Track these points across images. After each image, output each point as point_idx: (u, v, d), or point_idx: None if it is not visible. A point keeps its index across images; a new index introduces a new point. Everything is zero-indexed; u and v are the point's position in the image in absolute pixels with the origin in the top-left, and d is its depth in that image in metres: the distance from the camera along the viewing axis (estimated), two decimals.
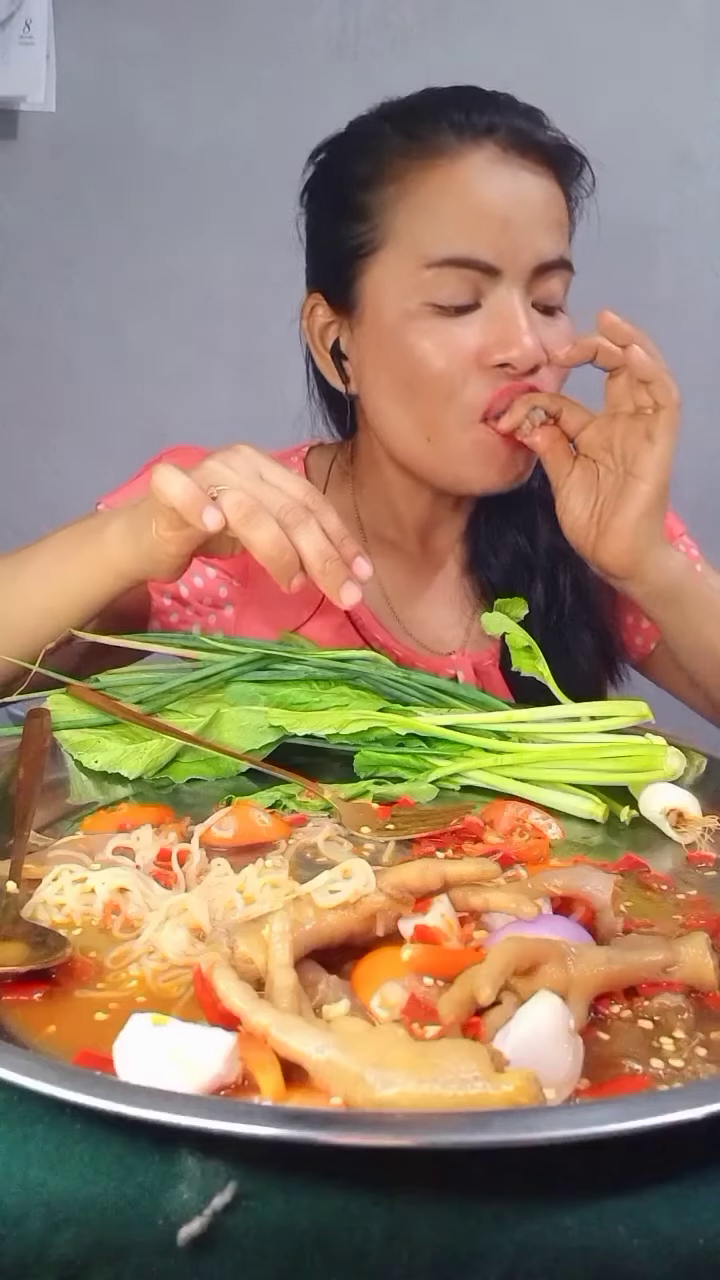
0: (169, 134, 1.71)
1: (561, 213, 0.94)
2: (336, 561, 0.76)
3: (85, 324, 1.77)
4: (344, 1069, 0.43)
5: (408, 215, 0.92)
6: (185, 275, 1.74)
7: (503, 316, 0.90)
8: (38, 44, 1.67)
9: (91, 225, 1.74)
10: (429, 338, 0.91)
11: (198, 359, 1.76)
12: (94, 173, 1.73)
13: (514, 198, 0.90)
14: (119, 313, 1.76)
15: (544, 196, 0.92)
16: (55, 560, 0.88)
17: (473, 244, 0.89)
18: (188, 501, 0.75)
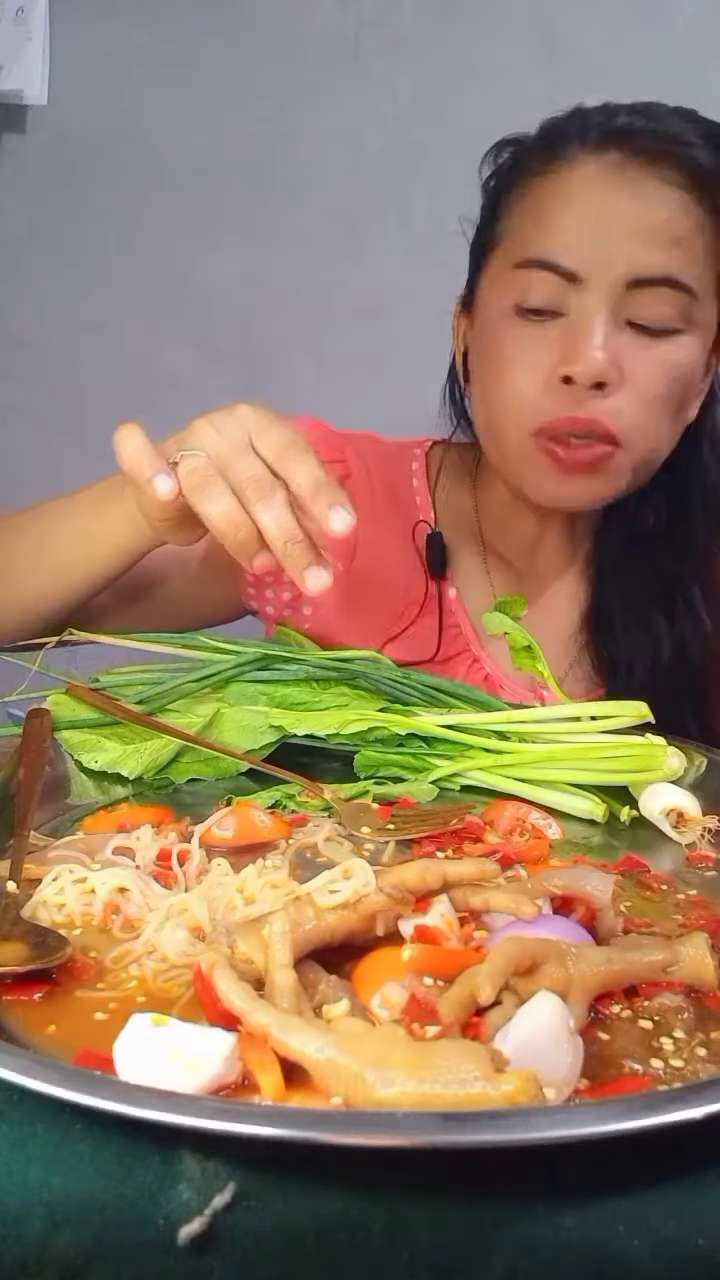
0: (168, 133, 1.71)
1: (686, 230, 0.87)
2: (301, 544, 0.69)
3: (84, 324, 1.77)
4: (344, 1069, 0.43)
5: (519, 217, 0.91)
6: (185, 275, 1.74)
7: (577, 327, 0.87)
8: (34, 39, 1.67)
9: (91, 224, 1.74)
10: (509, 338, 0.90)
11: (198, 359, 1.76)
12: (93, 171, 1.73)
13: (617, 207, 0.87)
14: (119, 312, 1.76)
15: (662, 209, 0.87)
16: (91, 509, 0.87)
17: (557, 247, 0.88)
18: (133, 468, 0.72)
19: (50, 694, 0.85)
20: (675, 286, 0.87)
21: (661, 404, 0.90)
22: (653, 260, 0.86)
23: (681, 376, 0.90)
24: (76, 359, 1.77)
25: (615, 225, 0.87)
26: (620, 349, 0.87)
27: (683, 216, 0.87)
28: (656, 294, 0.87)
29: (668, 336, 0.88)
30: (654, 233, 0.86)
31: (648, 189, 0.87)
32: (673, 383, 0.89)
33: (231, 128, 1.69)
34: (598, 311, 0.87)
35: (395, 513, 1.03)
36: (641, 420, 0.89)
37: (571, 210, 0.88)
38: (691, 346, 0.90)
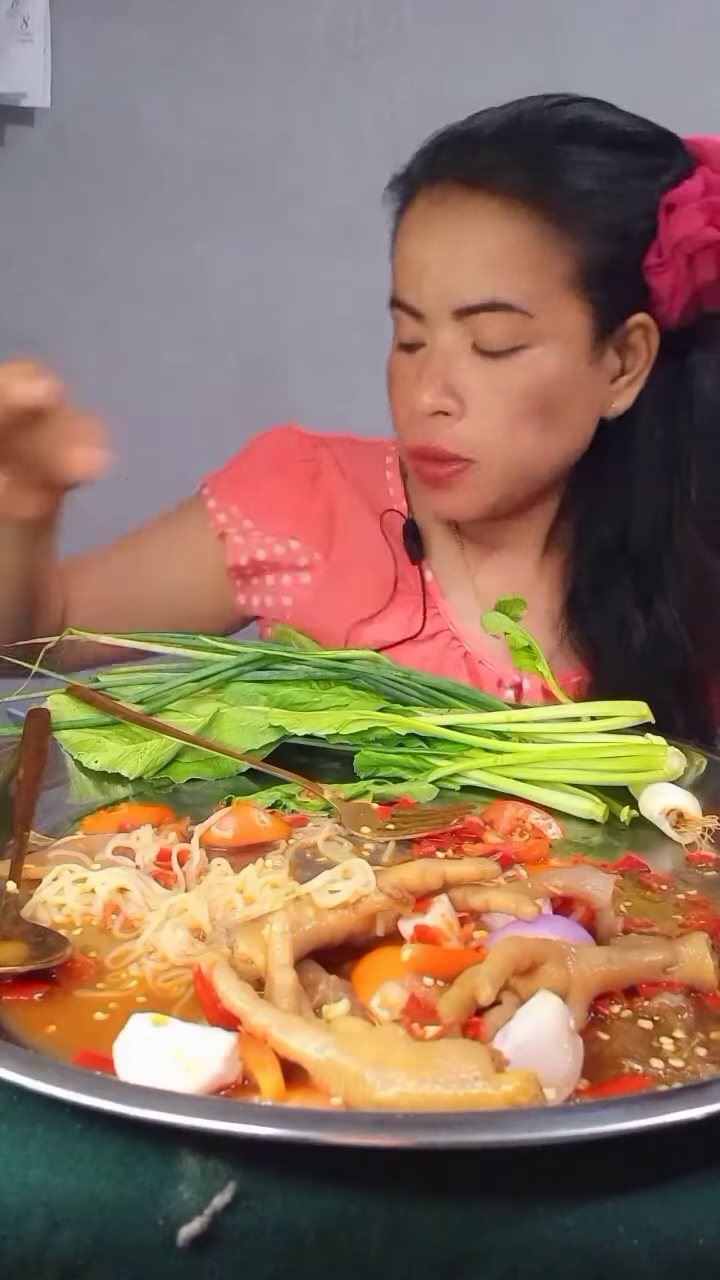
0: (169, 133, 1.71)
1: (508, 252, 0.88)
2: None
3: (84, 324, 1.77)
4: (344, 1069, 0.43)
5: (394, 256, 0.96)
6: (185, 275, 1.74)
7: (427, 359, 0.92)
8: (35, 40, 1.67)
9: (91, 224, 1.74)
10: (393, 370, 0.96)
11: (198, 359, 1.76)
12: (93, 172, 1.73)
13: (436, 241, 0.90)
14: (119, 312, 1.76)
15: (476, 237, 0.89)
16: None
17: (402, 287, 0.93)
18: None
19: (50, 694, 0.85)
20: (501, 309, 0.89)
21: (513, 420, 0.91)
22: (472, 287, 0.89)
23: (531, 391, 0.91)
24: (76, 359, 1.77)
25: (436, 259, 0.90)
26: (461, 377, 0.90)
27: (502, 238, 0.89)
28: (487, 318, 0.89)
29: (509, 356, 0.90)
30: (471, 260, 0.89)
31: (463, 217, 0.89)
32: (523, 399, 0.91)
33: (231, 128, 1.69)
34: (438, 343, 0.91)
35: (369, 507, 1.06)
36: (491, 438, 0.92)
37: (407, 249, 0.93)
38: (542, 358, 0.90)
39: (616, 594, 0.99)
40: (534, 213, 0.88)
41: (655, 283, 0.91)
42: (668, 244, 0.90)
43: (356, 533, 1.05)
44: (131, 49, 1.68)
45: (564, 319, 0.90)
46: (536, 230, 0.89)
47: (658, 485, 0.97)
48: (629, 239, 0.90)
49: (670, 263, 0.90)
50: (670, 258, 0.90)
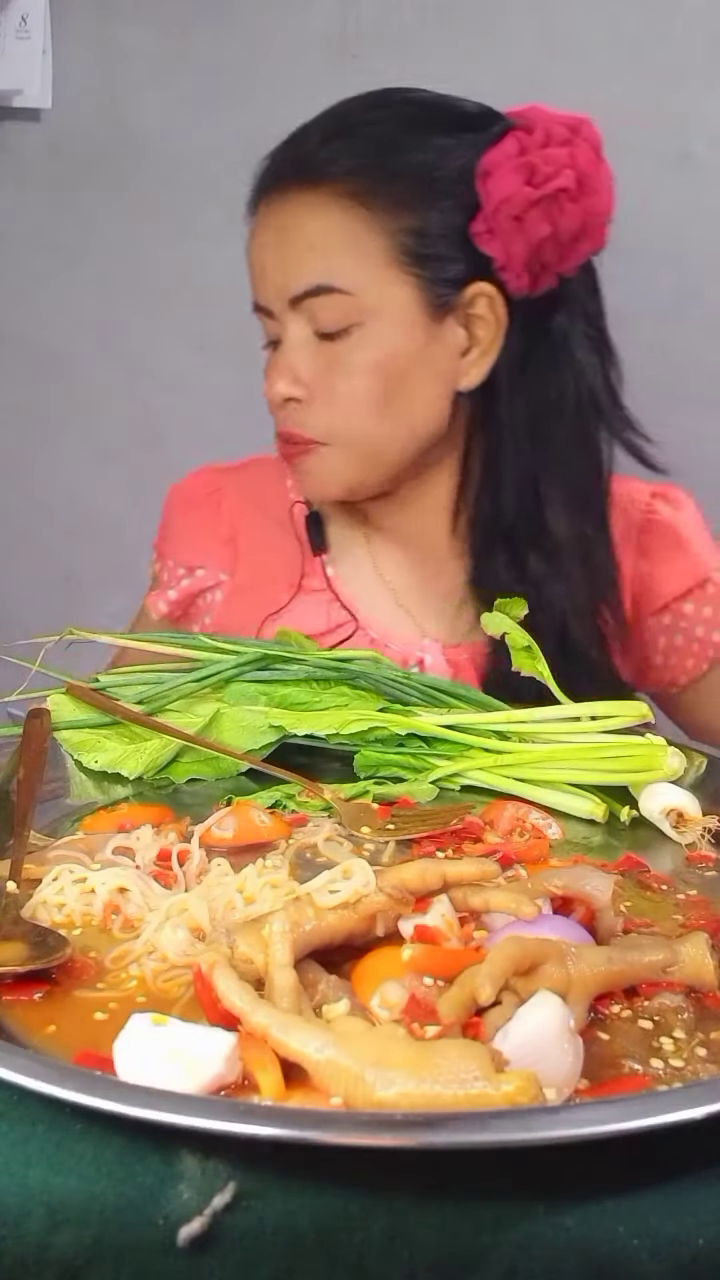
0: (168, 133, 1.71)
1: (320, 238, 0.93)
2: None
3: (83, 323, 1.77)
4: (344, 1069, 0.43)
5: None
6: (185, 275, 1.74)
7: (279, 352, 0.98)
8: (34, 39, 1.67)
9: (90, 224, 1.74)
10: (267, 368, 1.01)
11: (197, 359, 1.75)
12: (92, 171, 1.72)
13: (268, 239, 0.97)
14: (117, 312, 1.76)
15: (292, 232, 0.95)
16: None
17: (253, 292, 0.99)
18: None
19: (50, 694, 0.85)
20: (324, 292, 0.94)
21: (351, 402, 0.96)
22: (295, 277, 0.95)
23: (367, 368, 0.95)
24: (76, 359, 1.77)
25: (270, 256, 0.97)
26: (306, 364, 0.97)
27: (311, 227, 0.94)
28: (316, 304, 0.94)
29: (343, 336, 0.95)
30: (294, 250, 0.95)
31: (288, 213, 0.95)
32: (360, 377, 0.95)
33: (231, 128, 1.69)
34: (285, 335, 0.97)
35: (271, 519, 1.13)
36: (336, 420, 0.97)
37: (251, 255, 0.99)
38: (374, 336, 0.95)
39: (499, 567, 1.02)
40: (349, 195, 0.94)
41: (488, 249, 0.94)
42: (489, 209, 0.92)
43: (260, 543, 1.12)
44: (131, 49, 1.68)
45: (389, 294, 0.94)
46: (351, 211, 0.93)
47: (523, 455, 1.00)
48: (455, 211, 0.93)
49: (497, 227, 0.92)
50: (496, 222, 0.92)
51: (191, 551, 1.13)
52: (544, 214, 0.92)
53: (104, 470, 1.71)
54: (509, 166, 0.92)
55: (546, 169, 0.92)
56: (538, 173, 0.91)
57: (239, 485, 1.15)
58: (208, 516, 1.14)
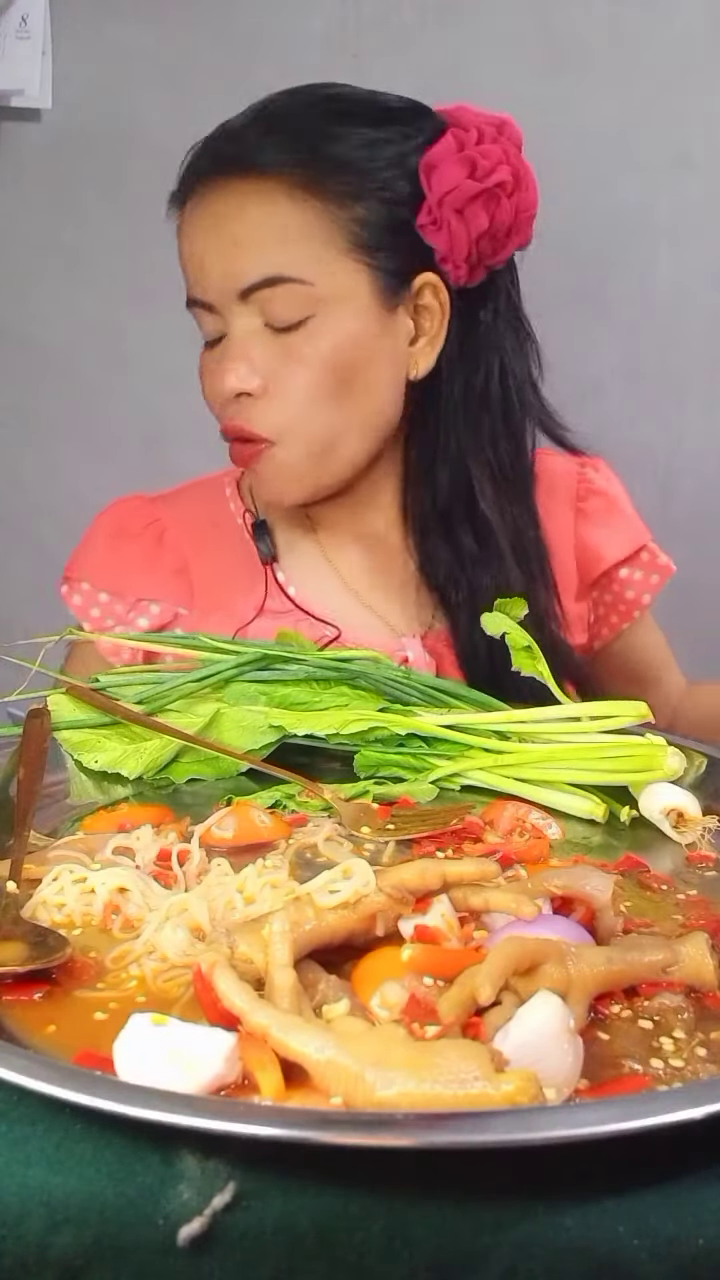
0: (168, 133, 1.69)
1: (269, 229, 0.92)
2: None
3: (84, 324, 1.77)
4: (344, 1069, 0.43)
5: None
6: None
7: (225, 347, 0.96)
8: (34, 39, 1.67)
9: (90, 224, 1.74)
10: (202, 367, 1.00)
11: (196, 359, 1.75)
12: (92, 171, 1.72)
13: (207, 232, 0.94)
14: (118, 312, 1.76)
15: (236, 222, 0.93)
16: None
17: (190, 285, 0.97)
18: None
19: (50, 694, 0.85)
20: (279, 282, 0.93)
21: (311, 393, 0.95)
22: (243, 269, 0.93)
23: (324, 358, 0.94)
24: (76, 359, 1.77)
25: (210, 248, 0.94)
26: (260, 357, 0.95)
27: (267, 215, 0.93)
28: (270, 294, 0.93)
29: (299, 328, 0.94)
30: (242, 241, 0.93)
31: (221, 209, 0.94)
32: (317, 368, 0.94)
33: None
34: (231, 329, 0.95)
35: (219, 543, 1.10)
36: (291, 414, 0.95)
37: (184, 248, 0.97)
38: (330, 325, 0.94)
39: (441, 553, 1.03)
40: (296, 187, 0.93)
41: (433, 240, 0.96)
42: (434, 201, 0.95)
43: (215, 570, 1.09)
44: (131, 49, 1.68)
45: (344, 283, 0.94)
46: (301, 203, 0.93)
47: (458, 441, 1.01)
48: (395, 203, 0.95)
49: (441, 219, 0.95)
50: (440, 214, 0.95)
51: (133, 583, 1.08)
52: (483, 207, 0.95)
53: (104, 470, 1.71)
54: (452, 160, 0.94)
55: (485, 164, 0.94)
56: (478, 167, 0.94)
57: (178, 514, 1.11)
58: (148, 549, 1.09)
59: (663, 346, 1.72)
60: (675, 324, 1.71)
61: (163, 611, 1.08)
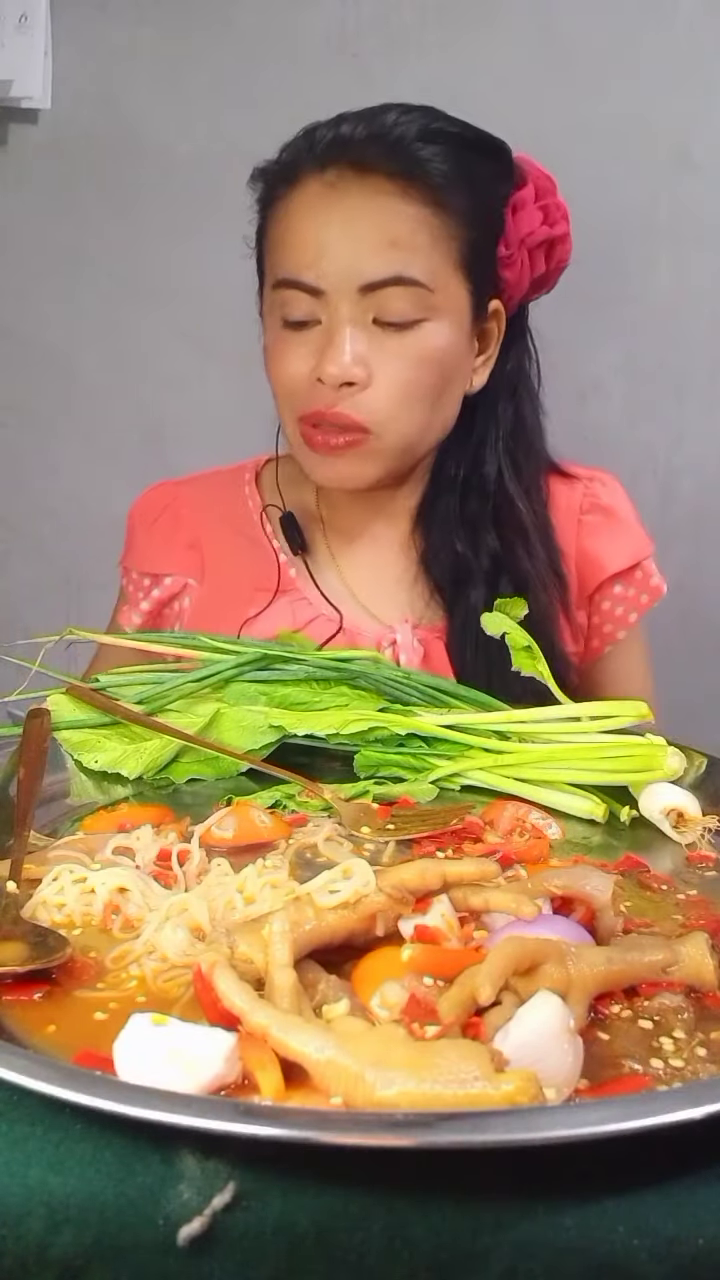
0: (168, 133, 1.71)
1: (406, 230, 0.96)
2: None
3: (84, 323, 1.77)
4: (344, 1069, 0.43)
5: (271, 240, 1.02)
6: (185, 275, 1.74)
7: (327, 334, 0.97)
8: (35, 39, 1.67)
9: (90, 224, 1.74)
10: (279, 346, 1.01)
11: (197, 359, 1.75)
12: (93, 171, 1.72)
13: (337, 221, 0.96)
14: (118, 312, 1.76)
15: (378, 217, 0.95)
16: None
17: (297, 267, 0.98)
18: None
19: (50, 694, 0.85)
20: (406, 283, 0.96)
21: (412, 390, 0.98)
22: (378, 265, 0.95)
23: (432, 361, 0.99)
24: (76, 359, 1.77)
25: (338, 239, 0.96)
26: (368, 347, 0.97)
27: (399, 220, 0.96)
28: (390, 293, 0.96)
29: (411, 328, 0.97)
30: (373, 239, 0.95)
31: (362, 200, 0.96)
32: (422, 369, 0.98)
33: (231, 128, 1.69)
34: (341, 318, 0.97)
35: (233, 527, 1.15)
36: (392, 409, 0.98)
37: (303, 231, 0.98)
38: (440, 332, 0.99)
39: (455, 558, 1.08)
40: (423, 196, 0.96)
41: (505, 273, 1.04)
42: (515, 238, 1.03)
43: (225, 551, 1.14)
44: (131, 49, 1.68)
45: (452, 295, 1.00)
46: (428, 212, 0.97)
47: (493, 454, 1.08)
48: (492, 234, 1.01)
49: (517, 255, 1.03)
50: (517, 251, 1.03)
51: (156, 560, 1.15)
52: (545, 252, 1.05)
53: (104, 470, 1.71)
54: (531, 206, 1.03)
55: (554, 214, 1.04)
56: (549, 216, 1.03)
57: (195, 496, 1.17)
58: (167, 525, 1.15)
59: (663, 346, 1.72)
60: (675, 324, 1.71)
61: (174, 583, 1.14)
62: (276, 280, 1.00)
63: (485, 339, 1.05)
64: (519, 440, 1.10)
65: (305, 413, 1.00)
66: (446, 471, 1.09)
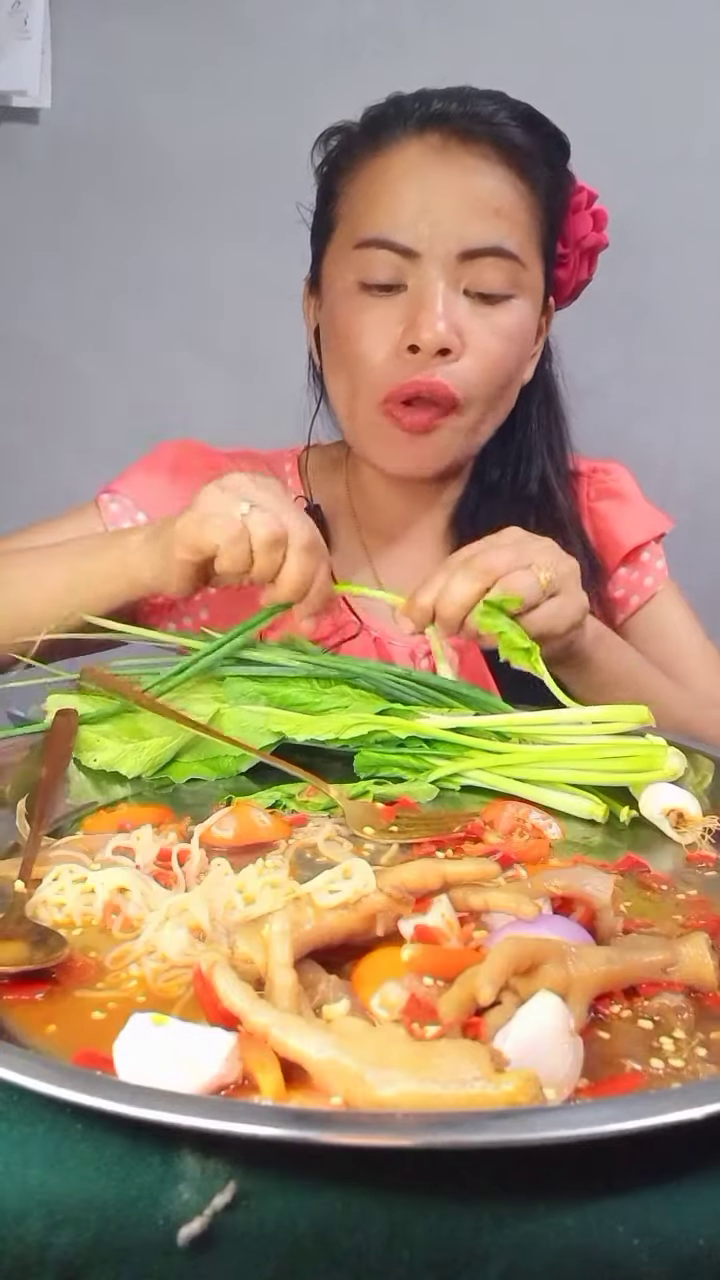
0: (168, 133, 1.71)
1: (507, 202, 0.95)
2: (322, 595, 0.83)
3: (84, 324, 1.77)
4: (344, 1069, 0.43)
5: (352, 199, 0.98)
6: (184, 275, 1.74)
7: (419, 299, 0.94)
8: (34, 39, 1.67)
9: (90, 224, 1.74)
10: (356, 313, 0.97)
11: (197, 359, 1.75)
12: (92, 171, 1.72)
13: (442, 186, 0.94)
14: (118, 312, 1.76)
15: (483, 185, 0.94)
16: (80, 558, 0.91)
17: (392, 226, 0.95)
18: (233, 551, 0.80)
19: (50, 693, 0.85)
20: (504, 255, 0.95)
21: (499, 366, 0.97)
22: (480, 232, 0.94)
23: (517, 338, 0.98)
24: (76, 359, 1.77)
25: (443, 202, 0.94)
26: (460, 317, 0.95)
27: (503, 189, 0.95)
28: (487, 264, 0.95)
29: (502, 302, 0.96)
30: (479, 206, 0.94)
31: (468, 166, 0.95)
32: (509, 345, 0.97)
33: (231, 128, 1.69)
34: (436, 283, 0.94)
35: None
36: (481, 382, 0.96)
37: (402, 191, 0.95)
38: (523, 310, 0.98)
39: None
40: (521, 172, 0.96)
41: (560, 271, 1.05)
42: (572, 239, 1.03)
43: None
44: (131, 49, 1.68)
45: (535, 277, 1.00)
46: (525, 188, 0.97)
47: (540, 449, 1.09)
48: (557, 223, 1.02)
49: (571, 256, 1.04)
50: (572, 251, 1.04)
51: (168, 508, 1.05)
52: (590, 259, 1.06)
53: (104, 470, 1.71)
54: (585, 211, 1.03)
55: (602, 222, 1.06)
56: (598, 223, 1.04)
57: (234, 469, 1.11)
58: (198, 482, 1.09)
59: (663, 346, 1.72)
60: (675, 324, 1.71)
61: None
62: (362, 240, 0.96)
63: (538, 334, 1.05)
64: (556, 437, 1.10)
65: (396, 387, 0.95)
66: (489, 471, 1.07)
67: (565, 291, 1.07)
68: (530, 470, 1.07)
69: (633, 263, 1.68)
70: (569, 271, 1.05)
